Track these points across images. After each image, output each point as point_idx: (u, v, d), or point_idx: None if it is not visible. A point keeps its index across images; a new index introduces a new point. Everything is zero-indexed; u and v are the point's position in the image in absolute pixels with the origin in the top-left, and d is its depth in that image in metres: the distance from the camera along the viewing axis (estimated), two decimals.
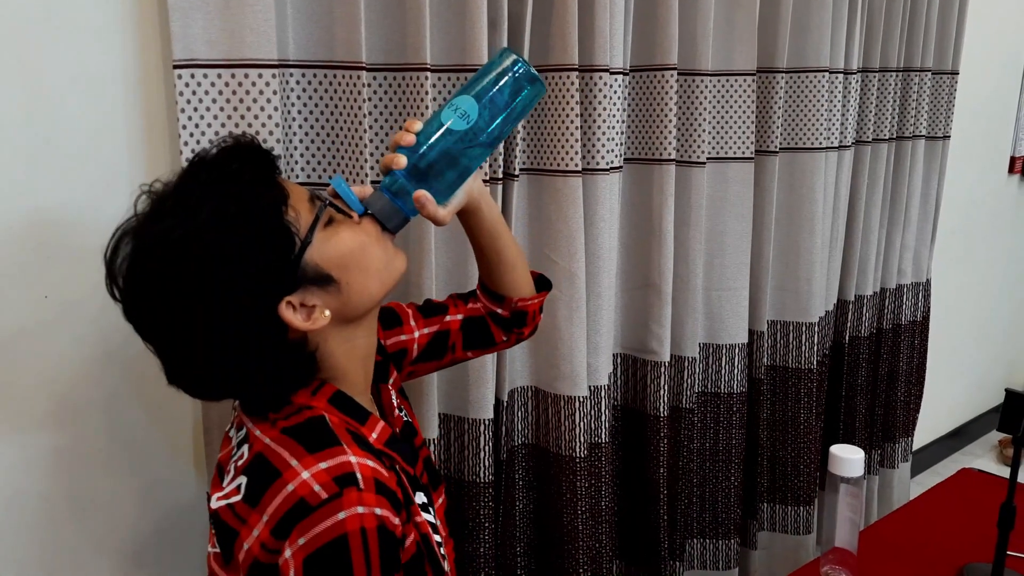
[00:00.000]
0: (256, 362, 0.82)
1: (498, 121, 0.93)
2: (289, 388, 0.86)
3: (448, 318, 1.13)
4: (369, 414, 0.90)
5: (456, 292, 1.20)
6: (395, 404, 1.04)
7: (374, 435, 0.88)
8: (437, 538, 0.94)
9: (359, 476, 0.77)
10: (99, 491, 1.21)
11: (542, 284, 1.19)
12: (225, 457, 0.91)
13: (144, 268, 0.79)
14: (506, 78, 0.93)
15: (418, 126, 0.92)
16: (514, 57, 0.94)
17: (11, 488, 1.13)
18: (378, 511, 0.76)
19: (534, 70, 0.94)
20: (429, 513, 0.95)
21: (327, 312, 0.84)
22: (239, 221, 0.78)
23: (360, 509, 0.75)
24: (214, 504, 0.84)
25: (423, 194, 0.90)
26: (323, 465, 0.77)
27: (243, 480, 0.81)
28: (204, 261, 0.77)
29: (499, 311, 1.14)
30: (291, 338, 0.83)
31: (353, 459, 0.78)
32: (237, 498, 0.80)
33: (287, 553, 0.74)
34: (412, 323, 1.11)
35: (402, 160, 0.90)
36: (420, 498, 0.94)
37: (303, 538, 0.74)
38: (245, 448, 0.85)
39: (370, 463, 0.79)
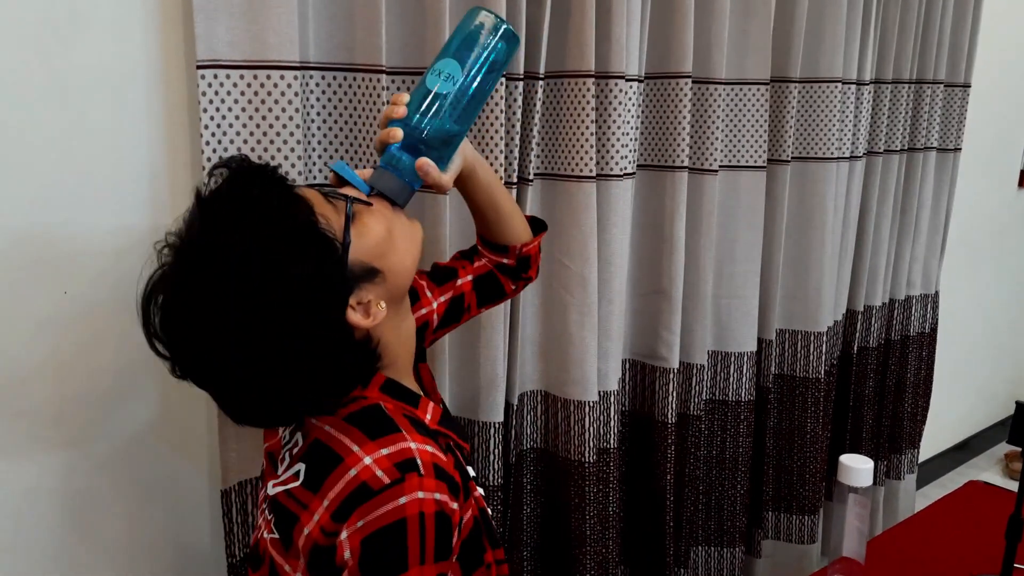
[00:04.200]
0: (332, 375, 0.83)
1: (481, 77, 0.94)
2: (354, 387, 0.87)
3: (460, 281, 1.15)
4: (419, 396, 0.91)
5: (459, 250, 1.21)
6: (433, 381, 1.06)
7: (428, 416, 0.89)
8: (489, 511, 0.95)
9: (419, 462, 0.78)
10: (115, 485, 1.22)
11: (537, 226, 1.20)
12: (275, 446, 0.92)
13: (197, 319, 0.77)
14: (482, 34, 0.94)
15: (406, 98, 0.92)
16: (485, 12, 0.95)
17: (26, 485, 1.14)
18: (437, 496, 0.77)
19: (507, 24, 0.95)
20: (481, 487, 0.97)
21: (383, 303, 0.85)
22: (284, 247, 0.77)
23: (420, 494, 0.76)
24: (271, 491, 0.85)
25: (425, 162, 0.91)
26: (384, 451, 0.78)
27: (301, 467, 0.82)
28: (264, 300, 0.76)
29: (505, 261, 1.16)
30: (357, 338, 0.85)
31: (413, 445, 0.79)
32: (296, 484, 0.81)
33: (343, 535, 0.76)
34: (428, 294, 1.12)
35: (398, 133, 0.90)
36: (471, 472, 0.96)
37: (362, 520, 0.75)
38: (299, 436, 0.87)
39: (429, 448, 0.80)
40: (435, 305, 1.12)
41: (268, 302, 0.76)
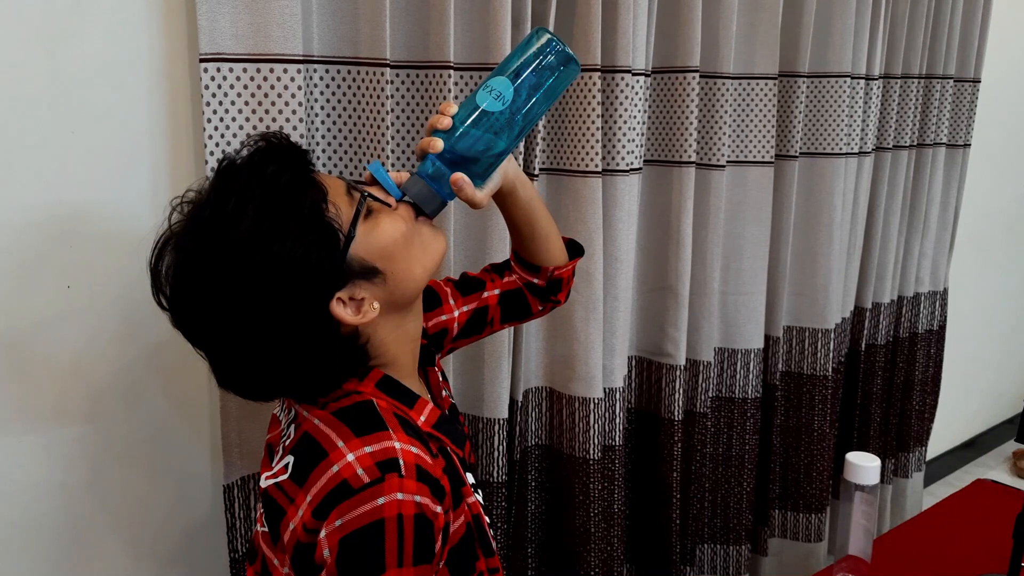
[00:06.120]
0: (310, 362, 0.83)
1: (533, 101, 0.92)
2: (341, 380, 0.87)
3: (486, 294, 1.13)
4: (417, 397, 0.90)
5: (491, 263, 1.20)
6: (441, 385, 1.05)
7: (422, 418, 0.89)
8: (487, 519, 0.95)
9: (401, 462, 0.77)
10: (119, 479, 1.22)
11: (574, 250, 1.19)
12: (275, 438, 0.92)
13: (191, 279, 0.80)
14: (541, 58, 0.92)
15: (454, 109, 0.91)
16: (548, 36, 0.93)
17: (33, 477, 1.14)
18: (418, 498, 0.76)
19: (569, 49, 0.93)
20: (479, 494, 0.95)
21: (376, 304, 0.84)
22: (282, 225, 0.78)
23: (400, 495, 0.75)
24: (263, 483, 0.85)
25: (460, 177, 0.90)
26: (368, 449, 0.78)
27: (291, 459, 0.82)
28: (251, 269, 0.77)
29: (535, 281, 1.14)
30: (343, 333, 0.84)
31: (397, 445, 0.79)
32: (284, 477, 0.81)
33: (322, 533, 0.75)
34: (451, 302, 1.11)
35: (438, 144, 0.89)
36: (470, 478, 0.95)
37: (340, 519, 0.75)
38: (293, 428, 0.86)
39: (414, 449, 0.79)
40: (456, 314, 1.11)
41: (254, 276, 0.77)
